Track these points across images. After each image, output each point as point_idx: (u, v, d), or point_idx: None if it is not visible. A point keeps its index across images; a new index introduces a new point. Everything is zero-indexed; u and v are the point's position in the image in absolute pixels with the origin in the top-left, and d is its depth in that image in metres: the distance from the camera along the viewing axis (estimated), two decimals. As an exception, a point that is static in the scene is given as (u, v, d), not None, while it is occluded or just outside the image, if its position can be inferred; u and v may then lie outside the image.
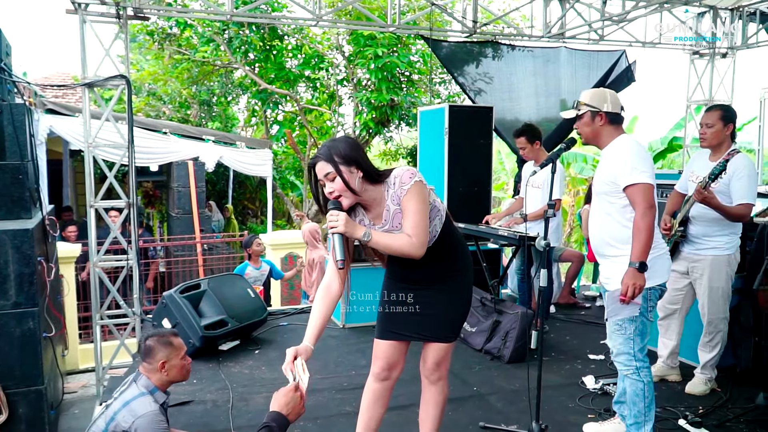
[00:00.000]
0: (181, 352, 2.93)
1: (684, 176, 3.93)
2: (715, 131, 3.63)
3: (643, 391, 2.95)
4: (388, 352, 2.71)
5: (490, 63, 7.07)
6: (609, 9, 6.39)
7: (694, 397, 3.83)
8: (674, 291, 3.92)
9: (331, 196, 2.35)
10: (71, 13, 4.91)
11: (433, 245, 2.50)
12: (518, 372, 4.26)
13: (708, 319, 3.78)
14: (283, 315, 5.85)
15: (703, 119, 3.71)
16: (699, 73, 7.66)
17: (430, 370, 2.72)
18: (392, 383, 2.77)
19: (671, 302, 3.96)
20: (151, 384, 2.83)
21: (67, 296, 5.72)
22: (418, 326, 2.66)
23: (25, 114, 4.05)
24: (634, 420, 2.99)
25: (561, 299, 6.21)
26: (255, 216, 15.32)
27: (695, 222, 3.73)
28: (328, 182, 2.34)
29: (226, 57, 11.65)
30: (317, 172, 2.36)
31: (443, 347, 2.68)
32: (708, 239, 3.70)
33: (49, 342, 4.19)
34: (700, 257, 3.74)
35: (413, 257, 2.39)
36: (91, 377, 5.67)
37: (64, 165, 10.08)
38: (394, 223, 2.46)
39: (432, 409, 2.78)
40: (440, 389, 2.76)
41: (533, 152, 5.08)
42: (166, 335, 2.92)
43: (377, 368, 2.73)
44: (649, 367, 3.00)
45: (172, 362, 2.86)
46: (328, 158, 2.33)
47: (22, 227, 3.72)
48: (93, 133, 4.94)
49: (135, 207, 5.10)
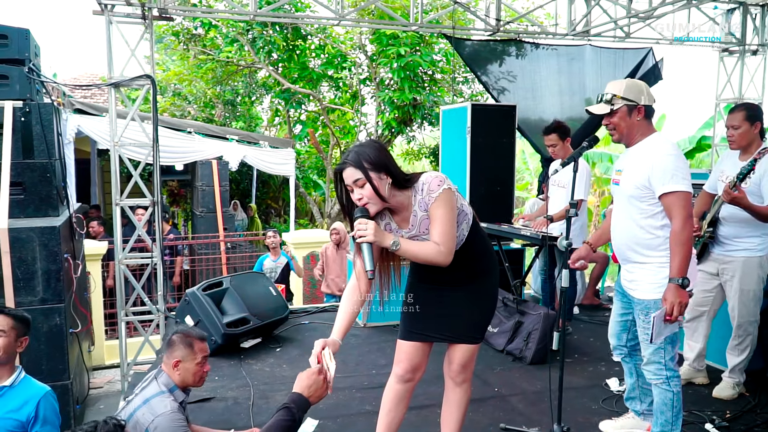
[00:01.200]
0: (199, 357, 2.87)
1: (713, 176, 3.85)
2: (743, 132, 3.55)
3: (672, 401, 2.89)
4: (412, 353, 2.68)
5: (514, 61, 7.02)
6: (635, 6, 6.29)
7: (721, 401, 3.76)
8: (703, 293, 3.84)
9: (360, 202, 2.30)
10: (98, 15, 4.98)
11: (460, 249, 2.48)
12: (540, 373, 4.22)
13: (738, 322, 3.70)
14: (304, 313, 5.87)
15: (728, 121, 3.62)
16: (728, 71, 7.50)
17: (456, 372, 2.70)
18: (414, 384, 2.76)
19: (700, 304, 3.88)
20: (171, 382, 2.82)
21: (93, 293, 5.81)
22: (443, 327, 2.63)
23: (52, 113, 4.12)
24: (660, 429, 2.92)
25: (585, 300, 6.14)
26: (278, 215, 15.42)
27: (725, 223, 3.64)
28: (357, 188, 2.29)
29: (249, 57, 11.74)
30: (345, 177, 2.31)
31: (469, 349, 2.65)
32: (739, 240, 3.62)
33: (75, 338, 4.26)
34: (731, 258, 3.66)
35: (441, 265, 2.37)
36: (117, 373, 5.76)
37: (92, 164, 10.25)
38: (420, 229, 2.44)
39: (455, 411, 2.76)
40: (464, 391, 2.75)
41: (564, 150, 5.00)
42: (191, 335, 2.90)
43: (400, 370, 2.70)
44: (679, 376, 2.92)
45: (186, 364, 2.83)
46: (357, 164, 2.27)
47: (50, 225, 3.79)
48: (119, 133, 5.01)
49: (159, 205, 5.16)
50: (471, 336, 2.65)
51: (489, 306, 2.71)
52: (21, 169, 3.94)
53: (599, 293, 6.44)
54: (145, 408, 2.70)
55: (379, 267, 2.51)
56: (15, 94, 4.00)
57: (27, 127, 3.97)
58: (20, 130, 3.95)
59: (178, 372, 2.83)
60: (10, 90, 4.00)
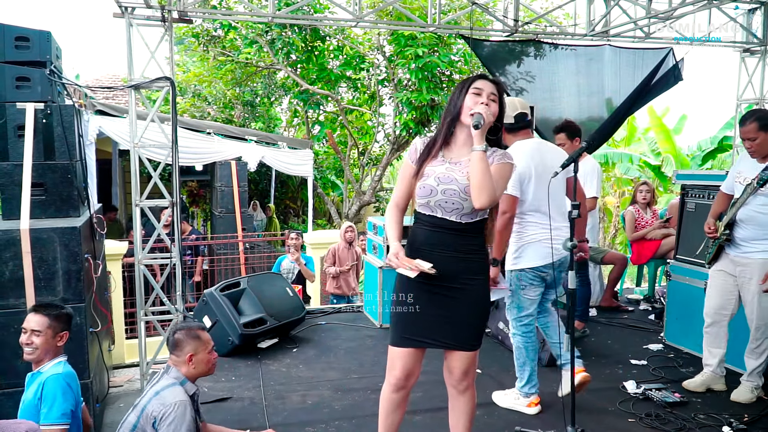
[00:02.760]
0: (209, 346, 2.96)
1: (730, 177, 3.82)
2: (760, 142, 3.54)
3: (519, 350, 3.68)
4: (406, 360, 2.60)
5: (532, 62, 6.97)
6: (655, 6, 6.22)
7: (739, 405, 3.72)
8: (724, 296, 3.81)
9: (483, 107, 2.43)
10: (118, 17, 5.05)
11: (471, 227, 2.52)
12: (556, 375, 4.18)
13: (756, 325, 3.66)
14: (321, 314, 5.90)
15: (742, 134, 3.60)
16: (750, 71, 7.39)
17: (458, 380, 2.65)
18: (408, 391, 2.70)
19: (722, 307, 3.83)
20: (181, 375, 2.87)
21: (114, 292, 5.88)
22: (440, 333, 2.56)
23: (73, 115, 4.18)
24: (517, 368, 3.74)
25: (603, 302, 6.09)
26: (296, 215, 15.50)
27: (743, 225, 3.61)
28: (490, 100, 2.47)
29: (268, 58, 11.81)
30: (485, 86, 2.49)
31: (469, 355, 2.60)
32: (757, 243, 3.59)
33: (96, 337, 4.31)
34: (748, 261, 3.62)
35: (484, 201, 2.38)
36: (137, 371, 5.82)
37: (113, 165, 10.39)
38: (463, 171, 2.48)
39: (463, 418, 2.72)
40: (470, 397, 2.70)
41: (572, 149, 4.99)
42: (193, 328, 2.96)
43: (393, 378, 2.63)
44: (524, 335, 3.63)
45: (199, 356, 2.89)
46: (500, 84, 2.54)
47: (70, 225, 3.85)
48: (139, 134, 5.07)
49: (178, 206, 5.21)
50: (470, 342, 2.59)
51: (486, 310, 2.66)
52: (42, 170, 3.99)
53: (618, 295, 6.38)
54: (156, 400, 2.74)
55: None
56: (36, 96, 4.07)
57: (48, 129, 4.03)
58: (41, 131, 4.01)
59: (192, 366, 2.88)
60: (31, 92, 4.06)
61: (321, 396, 3.95)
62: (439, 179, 2.48)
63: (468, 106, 2.47)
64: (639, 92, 6.96)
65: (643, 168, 14.05)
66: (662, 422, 3.48)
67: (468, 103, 2.47)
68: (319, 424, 3.55)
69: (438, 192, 2.47)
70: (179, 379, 2.86)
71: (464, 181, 2.45)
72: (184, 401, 2.75)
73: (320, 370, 4.44)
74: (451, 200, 2.46)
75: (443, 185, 2.47)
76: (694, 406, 3.72)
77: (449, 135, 2.54)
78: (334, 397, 3.92)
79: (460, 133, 2.54)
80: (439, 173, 2.48)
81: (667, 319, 4.95)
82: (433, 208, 2.50)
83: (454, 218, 2.49)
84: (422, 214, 2.55)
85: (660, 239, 6.25)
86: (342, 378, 4.26)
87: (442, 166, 2.50)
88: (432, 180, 2.48)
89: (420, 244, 2.53)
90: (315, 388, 4.08)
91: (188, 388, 2.87)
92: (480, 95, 2.46)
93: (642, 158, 14.12)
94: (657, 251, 6.24)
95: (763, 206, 3.53)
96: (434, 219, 2.51)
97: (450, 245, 2.50)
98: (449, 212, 2.49)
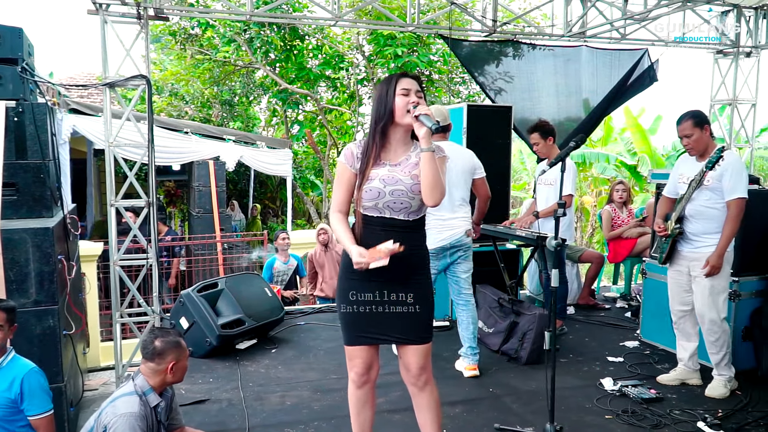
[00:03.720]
0: (187, 353, 2.92)
1: (672, 180, 4.00)
2: (696, 138, 3.70)
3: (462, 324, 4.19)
4: (364, 355, 2.68)
5: (511, 62, 7.01)
6: (631, 7, 6.30)
7: (714, 400, 3.77)
8: (683, 293, 3.92)
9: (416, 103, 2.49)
10: (92, 14, 4.97)
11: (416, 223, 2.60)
12: (535, 373, 4.22)
13: (709, 318, 3.74)
14: (300, 314, 5.87)
15: (679, 132, 3.77)
16: (723, 73, 7.52)
17: (416, 376, 2.66)
18: (373, 384, 2.77)
19: (682, 303, 3.94)
20: (147, 385, 2.79)
21: (88, 294, 5.79)
22: (393, 328, 2.61)
23: (46, 113, 4.10)
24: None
25: (581, 300, 6.15)
26: (276, 215, 15.41)
27: (692, 220, 3.74)
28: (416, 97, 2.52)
29: (247, 57, 11.73)
30: (410, 84, 2.53)
31: (424, 349, 2.63)
32: (707, 236, 3.71)
33: (70, 340, 4.24)
34: (699, 255, 3.73)
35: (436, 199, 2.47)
36: (112, 374, 5.74)
37: (87, 164, 10.22)
38: (404, 169, 2.54)
39: (429, 414, 2.72)
40: (431, 392, 2.70)
41: (546, 148, 5.08)
42: (172, 335, 2.90)
43: (355, 375, 2.71)
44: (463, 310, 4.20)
45: (179, 363, 2.85)
46: (420, 83, 2.58)
47: (43, 226, 3.77)
48: (114, 133, 5.00)
49: (155, 206, 5.15)
50: (423, 336, 2.63)
51: (432, 304, 2.69)
52: (14, 169, 3.91)
53: (595, 293, 6.44)
54: (110, 407, 2.68)
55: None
56: (8, 94, 3.98)
57: (20, 128, 3.94)
58: (13, 130, 3.93)
59: (172, 374, 2.82)
60: (2, 90, 3.96)
61: (300, 397, 3.93)
62: (384, 181, 2.52)
63: (399, 107, 2.50)
64: (615, 93, 7.05)
65: (620, 168, 14.21)
66: (638, 418, 3.53)
67: (399, 104, 2.50)
68: (299, 425, 3.53)
69: (386, 193, 2.52)
70: (143, 389, 2.77)
71: (409, 180, 2.52)
72: (134, 414, 2.65)
73: (299, 370, 4.41)
74: (400, 200, 2.53)
75: (390, 186, 2.52)
76: (669, 402, 3.76)
77: (383, 137, 2.57)
78: (313, 398, 3.91)
79: (394, 134, 2.58)
80: (382, 175, 2.53)
81: (643, 316, 5.01)
82: (381, 209, 2.55)
83: (403, 217, 2.56)
84: (370, 216, 2.57)
85: (636, 238, 6.33)
86: (321, 378, 4.25)
87: (384, 169, 2.55)
88: (377, 182, 2.52)
89: (368, 244, 2.54)
90: (294, 389, 4.06)
91: (151, 399, 2.78)
92: (408, 95, 2.51)
93: (618, 158, 14.28)
94: (633, 250, 6.33)
95: (708, 200, 3.65)
96: (383, 219, 2.55)
97: (399, 243, 2.52)
98: (397, 212, 2.55)
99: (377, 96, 2.58)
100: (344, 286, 2.64)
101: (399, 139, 2.59)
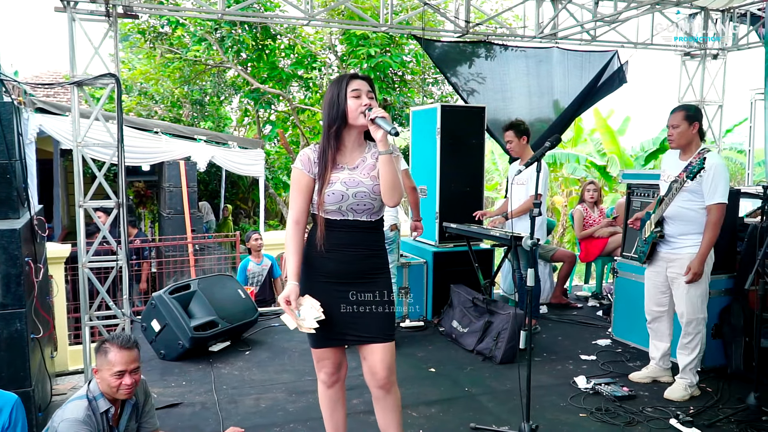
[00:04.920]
0: (114, 369, 2.67)
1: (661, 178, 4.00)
2: (681, 131, 3.71)
3: None
4: (331, 355, 2.68)
5: (483, 63, 7.06)
6: (601, 10, 6.40)
7: (684, 398, 3.83)
8: (659, 294, 3.94)
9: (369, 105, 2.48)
10: (60, 11, 4.87)
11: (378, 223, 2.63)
12: (510, 372, 4.25)
13: (687, 320, 3.77)
14: (274, 315, 5.82)
15: (669, 121, 3.78)
16: (690, 74, 7.68)
17: (384, 377, 2.59)
18: (342, 382, 2.78)
19: (658, 304, 3.97)
20: (98, 390, 2.71)
21: (56, 297, 5.67)
22: (358, 328, 2.59)
23: (12, 113, 4.01)
24: None
25: (553, 299, 6.21)
26: (248, 216, 15.27)
27: (671, 222, 3.77)
28: (367, 98, 2.50)
29: (218, 56, 11.61)
30: (361, 85, 2.52)
31: (389, 348, 2.61)
32: (685, 238, 3.74)
33: (37, 343, 4.15)
34: (677, 256, 3.76)
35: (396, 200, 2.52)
36: (81, 379, 5.63)
37: (54, 164, 10.00)
38: (362, 172, 2.56)
39: (394, 415, 2.68)
40: (395, 394, 2.67)
41: (519, 147, 5.12)
42: (109, 341, 2.74)
43: (324, 375, 2.72)
44: None
45: (102, 374, 2.70)
46: (371, 84, 2.57)
47: (9, 227, 3.68)
48: (82, 133, 4.91)
49: (125, 207, 5.06)
50: (388, 333, 2.62)
51: (392, 301, 2.68)
52: (-21, 170, 3.82)
53: (567, 292, 6.52)
54: (60, 410, 2.64)
55: None
56: (-28, 93, 3.89)
57: (-15, 127, 3.85)
58: (-22, 129, 3.84)
59: (99, 379, 2.73)
60: (-33, 89, 3.89)
61: (275, 399, 3.89)
62: (346, 184, 2.52)
63: (352, 109, 2.49)
64: (586, 94, 7.15)
65: (590, 168, 14.41)
66: (612, 416, 3.57)
67: (351, 107, 2.49)
68: (274, 427, 3.50)
69: (349, 196, 2.52)
70: (94, 393, 2.69)
71: (369, 182, 2.54)
72: (77, 420, 2.57)
73: (274, 372, 4.37)
74: (362, 202, 2.54)
75: (352, 189, 2.52)
76: (642, 400, 3.82)
77: (338, 140, 2.56)
78: (288, 400, 3.87)
79: (348, 136, 2.57)
80: (343, 178, 2.53)
81: (615, 314, 5.08)
82: (345, 212, 2.55)
83: (365, 218, 2.57)
84: (332, 219, 2.56)
85: (607, 237, 6.42)
86: (296, 380, 4.21)
87: (343, 172, 2.54)
88: (339, 185, 2.51)
89: (331, 246, 2.56)
90: (269, 391, 4.02)
91: (100, 404, 2.69)
92: (360, 97, 2.50)
93: (588, 158, 14.47)
94: (604, 249, 6.41)
95: (687, 202, 3.67)
96: (346, 222, 2.56)
97: (362, 243, 2.59)
98: (360, 213, 2.56)
99: (328, 98, 2.54)
100: (303, 288, 2.61)
101: (353, 141, 2.58)
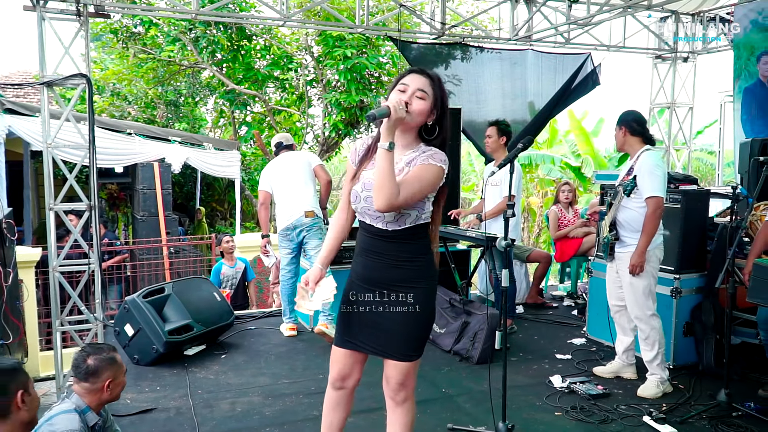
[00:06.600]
0: (124, 368, 2.78)
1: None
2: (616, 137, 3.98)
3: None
4: (342, 361, 2.50)
5: (459, 65, 7.10)
6: (575, 13, 6.47)
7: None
8: (617, 289, 4.08)
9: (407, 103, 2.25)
10: (29, 10, 4.78)
11: (399, 234, 2.34)
12: (486, 373, 4.26)
13: (634, 315, 3.90)
14: (251, 318, 5.78)
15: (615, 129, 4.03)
16: (662, 77, 7.81)
17: (395, 390, 2.47)
18: (349, 392, 2.57)
19: (617, 299, 4.11)
20: (84, 404, 2.63)
21: (26, 302, 5.55)
22: (373, 339, 2.42)
23: (-21, 114, 3.93)
24: None
25: (529, 299, 6.26)
26: (224, 218, 15.14)
27: (621, 222, 3.90)
28: (415, 98, 2.27)
29: (192, 57, 11.48)
30: (410, 80, 2.30)
31: (404, 366, 2.40)
32: (632, 237, 3.85)
33: (6, 349, 4.06)
34: (623, 253, 3.90)
35: (380, 204, 2.19)
36: (53, 385, 5.52)
37: (24, 166, 9.80)
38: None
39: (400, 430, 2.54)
40: (407, 410, 2.50)
41: (496, 144, 5.19)
42: (106, 351, 2.72)
43: (331, 377, 2.56)
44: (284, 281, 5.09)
45: (117, 380, 2.69)
46: (435, 81, 2.32)
47: (-23, 231, 3.61)
48: (52, 134, 4.81)
49: (97, 210, 4.98)
50: (406, 354, 2.40)
51: (428, 319, 2.46)
52: (-55, 172, 3.73)
53: (543, 292, 6.57)
54: (47, 426, 2.47)
55: None
56: (-62, 93, 3.80)
57: (-49, 128, 3.76)
58: (-56, 131, 3.75)
59: (109, 392, 2.66)
60: (-68, 89, 3.79)
61: (251, 402, 3.86)
62: (364, 185, 2.34)
63: (392, 101, 2.23)
64: (560, 96, 7.22)
65: (565, 169, 14.57)
66: (587, 414, 3.61)
67: (391, 101, 2.23)
68: (250, 431, 3.47)
69: (361, 199, 2.35)
70: (80, 407, 2.61)
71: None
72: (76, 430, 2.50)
73: (250, 376, 4.34)
74: (372, 207, 2.29)
75: (366, 192, 2.33)
76: (616, 398, 3.86)
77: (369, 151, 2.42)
78: (264, 404, 3.84)
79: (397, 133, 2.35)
80: (366, 179, 2.34)
81: (589, 313, 5.14)
82: (362, 214, 2.40)
83: (380, 225, 2.34)
84: (360, 220, 2.45)
85: (582, 237, 6.49)
86: (272, 383, 4.18)
87: (371, 171, 2.32)
88: (359, 186, 2.36)
89: (359, 248, 2.44)
90: (245, 395, 3.98)
91: (89, 418, 2.62)
92: (405, 92, 2.28)
93: (563, 159, 14.64)
94: (579, 249, 6.48)
95: (630, 202, 3.80)
96: (365, 225, 2.42)
97: (380, 252, 2.38)
98: (374, 219, 2.35)
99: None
100: (348, 284, 2.50)
101: (399, 139, 2.32)
